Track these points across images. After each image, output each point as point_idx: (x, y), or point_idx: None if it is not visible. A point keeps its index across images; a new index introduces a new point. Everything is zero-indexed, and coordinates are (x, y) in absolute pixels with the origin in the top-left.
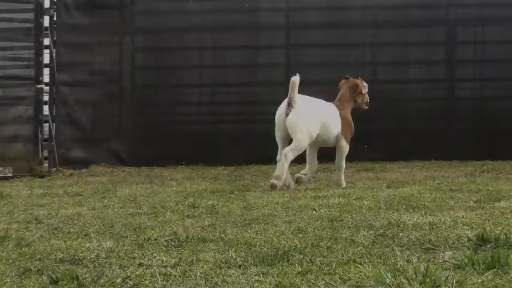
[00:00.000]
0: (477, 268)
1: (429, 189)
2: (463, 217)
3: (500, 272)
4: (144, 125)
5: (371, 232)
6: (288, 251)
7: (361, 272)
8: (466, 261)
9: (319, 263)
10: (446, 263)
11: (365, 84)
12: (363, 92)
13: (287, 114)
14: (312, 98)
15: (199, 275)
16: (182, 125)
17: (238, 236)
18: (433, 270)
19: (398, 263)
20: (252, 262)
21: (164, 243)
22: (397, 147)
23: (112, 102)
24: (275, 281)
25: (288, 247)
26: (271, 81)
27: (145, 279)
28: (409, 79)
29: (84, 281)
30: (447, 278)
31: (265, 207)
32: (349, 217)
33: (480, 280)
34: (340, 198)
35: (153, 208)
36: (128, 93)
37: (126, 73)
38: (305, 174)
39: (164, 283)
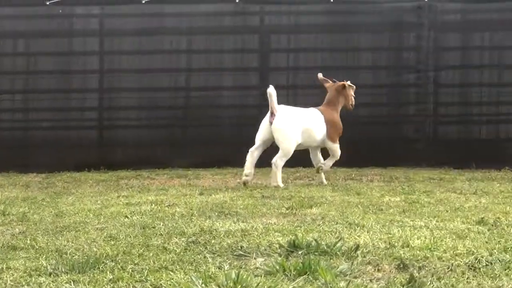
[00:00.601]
0: (289, 275)
1: (241, 196)
2: (275, 224)
3: (311, 278)
4: None
5: (183, 239)
6: (100, 259)
7: (172, 279)
8: (278, 267)
9: (130, 270)
10: (258, 269)
11: (349, 84)
12: (348, 93)
13: (271, 123)
14: (293, 107)
15: (9, 283)
16: None
17: (49, 243)
18: (244, 277)
19: (210, 270)
20: (63, 270)
21: None
22: (211, 154)
23: None
24: None
25: (99, 255)
26: (84, 88)
27: None
28: (223, 86)
29: None
30: (258, 284)
31: (77, 215)
32: (161, 224)
33: (291, 286)
34: (153, 205)
35: None
36: None
37: None
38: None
39: None
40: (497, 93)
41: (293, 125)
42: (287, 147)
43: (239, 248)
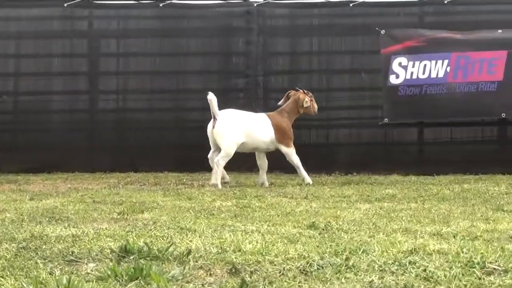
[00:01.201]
0: (120, 280)
1: (72, 201)
2: (106, 229)
3: (143, 283)
4: None
5: (13, 245)
6: None
7: (3, 285)
8: (109, 272)
9: None
10: (89, 275)
11: (307, 99)
12: (305, 105)
13: (213, 127)
14: (239, 111)
15: None
16: None
17: None
18: (75, 282)
19: (41, 275)
20: None
21: None
22: (41, 159)
23: None
24: None
25: None
26: None
27: None
28: (52, 90)
29: None
30: None
31: None
32: None
33: None
34: None
35: None
36: None
37: None
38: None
39: None
40: (326, 98)
41: (232, 127)
42: (228, 148)
43: (70, 253)
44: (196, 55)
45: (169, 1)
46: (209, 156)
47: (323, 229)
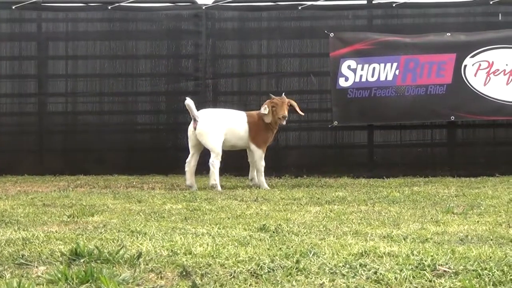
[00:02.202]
0: (71, 283)
1: (22, 204)
2: (56, 232)
3: (94, 287)
4: None
5: None
6: None
7: None
8: (60, 275)
9: None
10: (40, 278)
11: (265, 106)
12: (263, 112)
13: (195, 128)
14: (218, 109)
15: None
16: None
17: None
18: (26, 285)
19: None
20: None
21: None
22: None
23: None
24: None
25: None
26: None
27: None
28: (0, 93)
29: None
30: None
31: None
32: None
33: None
34: None
35: None
36: None
37: None
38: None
39: None
40: None
41: (215, 125)
42: (215, 146)
43: (21, 256)
44: (145, 58)
45: (117, 4)
46: (187, 160)
47: (273, 232)
